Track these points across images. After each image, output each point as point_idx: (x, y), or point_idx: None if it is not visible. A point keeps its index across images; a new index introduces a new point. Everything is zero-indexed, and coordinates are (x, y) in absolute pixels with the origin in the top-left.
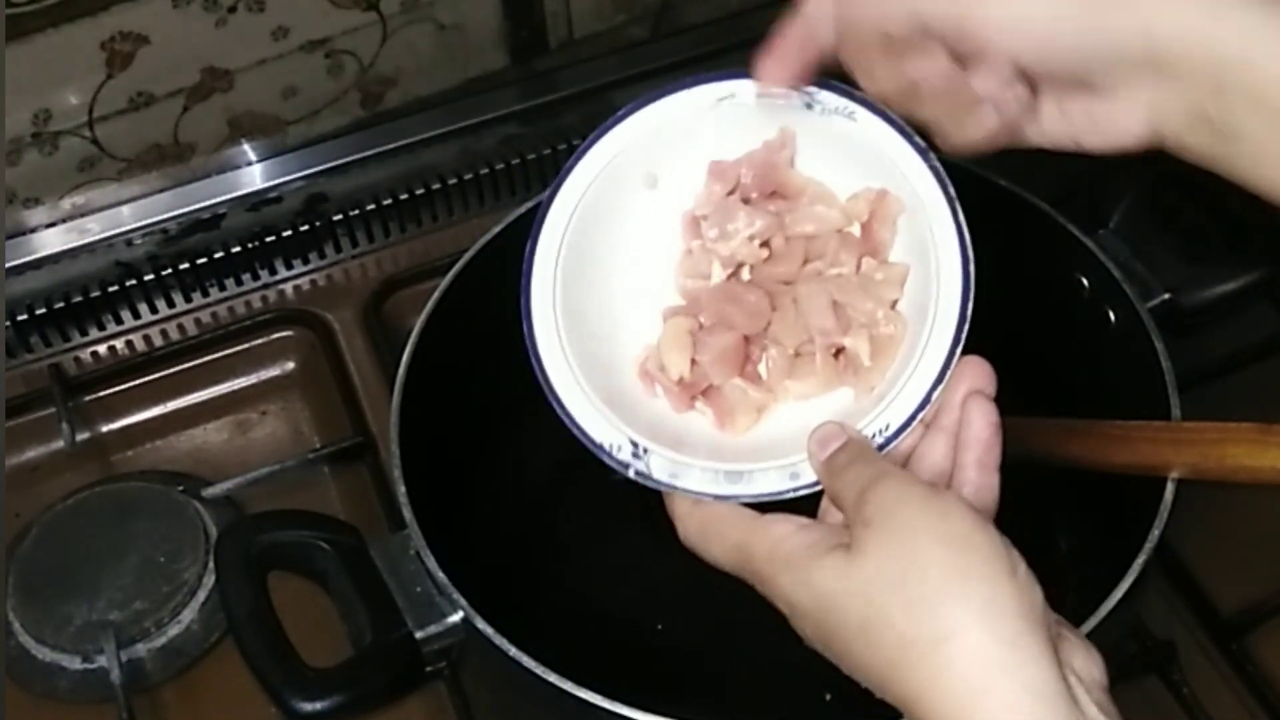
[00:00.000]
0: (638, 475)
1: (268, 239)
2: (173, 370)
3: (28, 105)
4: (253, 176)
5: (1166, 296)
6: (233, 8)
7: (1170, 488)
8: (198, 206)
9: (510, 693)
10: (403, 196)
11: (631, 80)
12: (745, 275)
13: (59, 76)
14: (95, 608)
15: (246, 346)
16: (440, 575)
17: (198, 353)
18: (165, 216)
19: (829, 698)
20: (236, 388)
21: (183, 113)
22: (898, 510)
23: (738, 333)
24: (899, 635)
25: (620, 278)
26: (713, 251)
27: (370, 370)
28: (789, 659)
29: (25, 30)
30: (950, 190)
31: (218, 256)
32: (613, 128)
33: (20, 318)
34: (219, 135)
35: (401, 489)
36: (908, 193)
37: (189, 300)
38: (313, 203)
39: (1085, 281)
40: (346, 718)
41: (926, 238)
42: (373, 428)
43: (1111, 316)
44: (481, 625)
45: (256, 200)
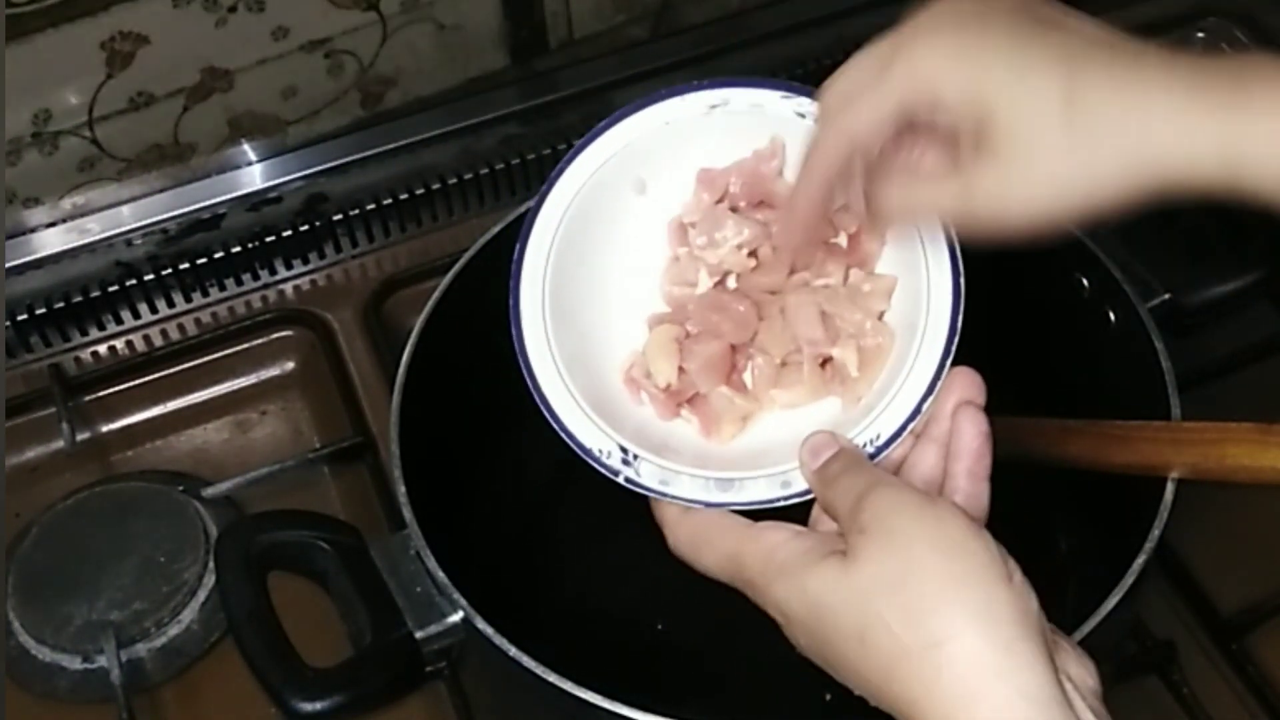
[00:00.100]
0: (628, 482)
1: (268, 239)
2: (173, 370)
3: (28, 105)
4: (253, 176)
5: (1166, 296)
6: (233, 8)
7: (1170, 488)
8: (198, 206)
9: (510, 693)
10: (403, 196)
11: (631, 80)
12: (731, 284)
13: (59, 76)
14: (95, 608)
15: (246, 346)
16: (440, 575)
17: (198, 353)
18: (165, 216)
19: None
20: (236, 388)
21: (183, 113)
22: (893, 517)
23: (725, 341)
24: (895, 641)
25: (607, 283)
26: (700, 259)
27: (370, 370)
28: (789, 659)
29: (25, 30)
30: None
31: (218, 256)
32: (605, 132)
33: (20, 318)
34: (219, 135)
35: (401, 489)
36: None
37: (189, 300)
38: (313, 203)
39: (1085, 281)
40: (346, 718)
41: (916, 250)
42: (373, 428)
43: (1111, 316)
44: (481, 625)
45: (256, 200)
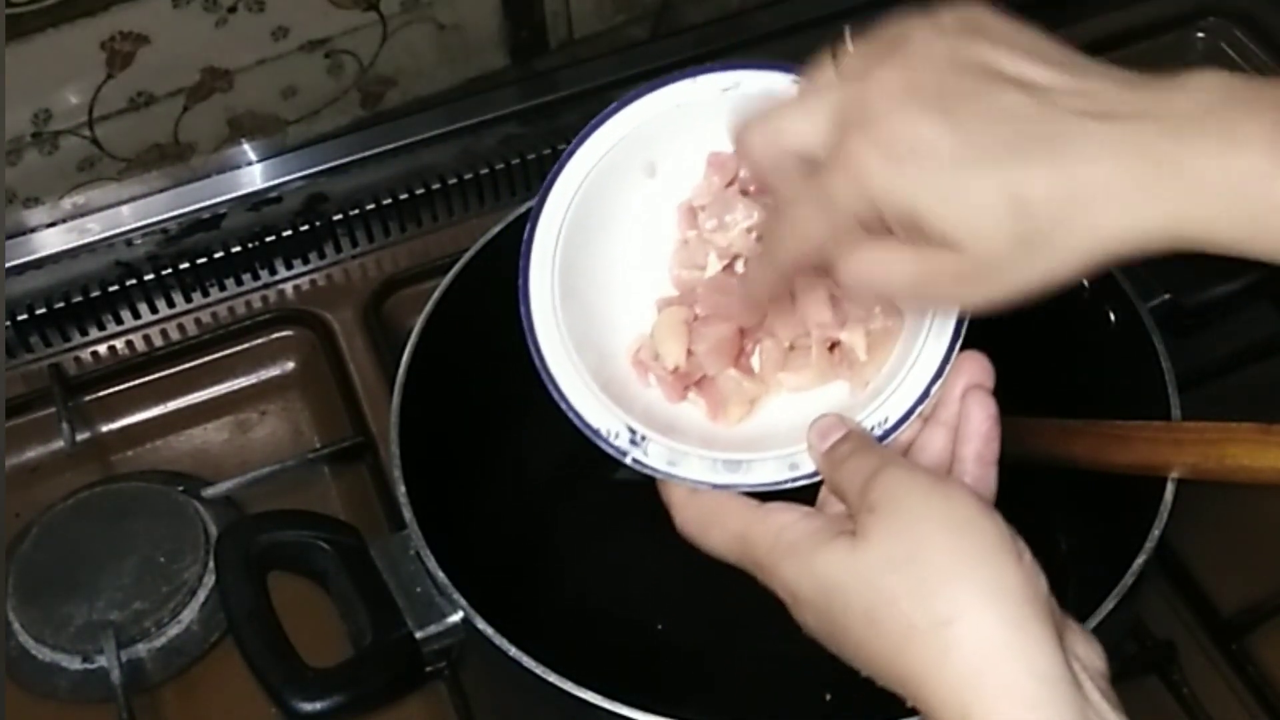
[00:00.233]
0: (635, 463)
1: (268, 239)
2: (173, 370)
3: (28, 105)
4: (253, 176)
5: (1166, 296)
6: (233, 8)
7: (1170, 488)
8: (198, 206)
9: (510, 693)
10: (403, 196)
11: (631, 80)
12: (740, 267)
13: (59, 76)
14: (95, 608)
15: (246, 346)
16: (440, 575)
17: (198, 353)
18: (165, 216)
19: (829, 697)
20: (236, 388)
21: (183, 113)
22: (903, 496)
23: (734, 324)
24: (904, 618)
25: (616, 265)
26: (709, 242)
27: (370, 370)
28: (789, 659)
29: (25, 30)
30: None
31: (218, 256)
32: (615, 114)
33: (20, 318)
34: (219, 135)
35: (401, 489)
36: None
37: (189, 300)
38: (313, 203)
39: (1085, 281)
40: (346, 718)
41: None
42: (373, 428)
43: (1111, 316)
44: (481, 625)
45: (256, 200)
